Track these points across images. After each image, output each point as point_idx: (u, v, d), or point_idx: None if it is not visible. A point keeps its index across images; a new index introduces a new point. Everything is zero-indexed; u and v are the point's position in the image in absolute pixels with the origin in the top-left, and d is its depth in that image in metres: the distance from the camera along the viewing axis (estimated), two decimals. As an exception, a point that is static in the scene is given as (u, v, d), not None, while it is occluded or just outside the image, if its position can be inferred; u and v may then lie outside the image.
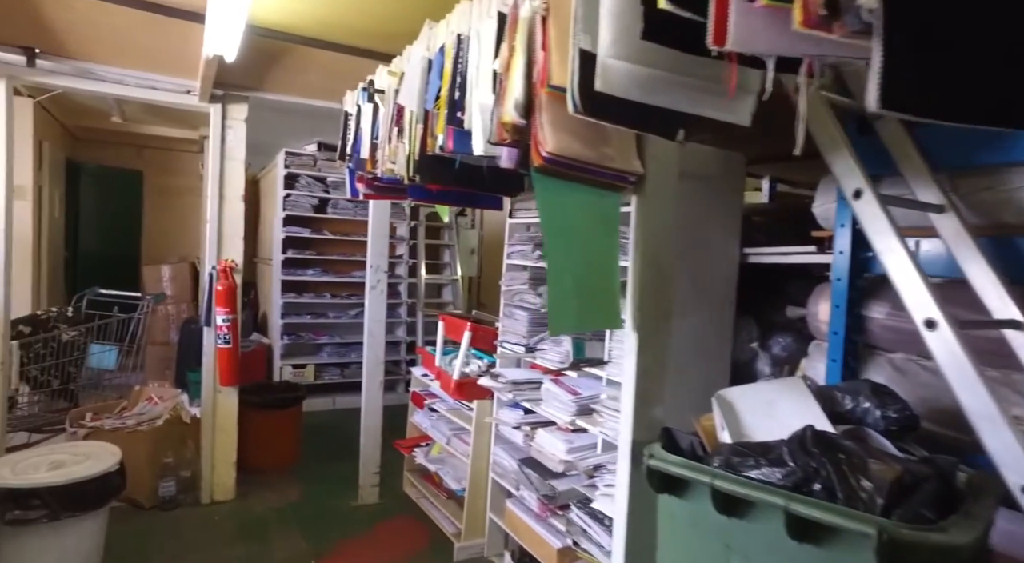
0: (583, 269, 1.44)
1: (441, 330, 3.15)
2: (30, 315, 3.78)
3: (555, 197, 1.33)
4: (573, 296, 1.44)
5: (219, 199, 3.31)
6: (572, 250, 1.41)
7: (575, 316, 1.46)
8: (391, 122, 1.97)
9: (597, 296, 1.45)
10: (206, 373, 3.31)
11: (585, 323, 1.52)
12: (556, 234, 1.36)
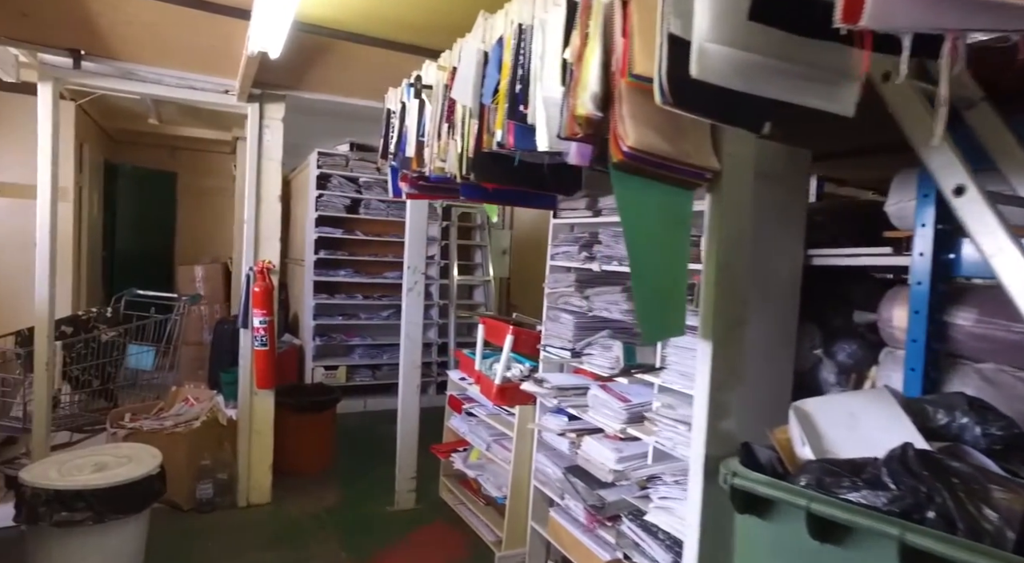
0: (660, 273, 1.35)
1: (481, 333, 3.08)
2: (72, 315, 3.81)
3: (634, 195, 1.25)
4: (655, 304, 1.36)
5: (256, 200, 3.28)
6: (652, 253, 1.33)
7: (660, 324, 1.38)
8: (440, 119, 1.90)
9: (668, 302, 1.37)
10: (243, 375, 3.29)
11: (668, 331, 1.44)
12: (638, 235, 1.28)
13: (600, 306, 2.43)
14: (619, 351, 2.30)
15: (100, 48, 2.69)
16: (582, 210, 2.60)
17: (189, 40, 2.55)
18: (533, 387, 2.67)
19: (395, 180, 2.45)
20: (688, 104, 1.03)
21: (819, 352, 2.01)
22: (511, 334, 2.81)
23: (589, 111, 1.16)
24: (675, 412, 2.00)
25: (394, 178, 2.47)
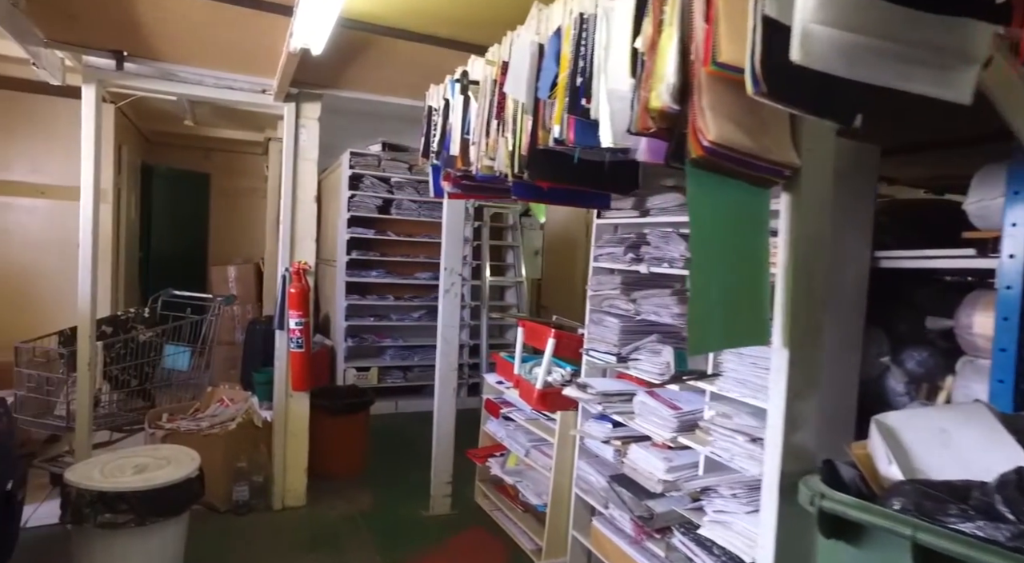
0: (731, 278, 1.26)
1: (520, 336, 3.01)
2: (111, 315, 3.84)
3: (708, 195, 1.16)
4: (719, 309, 1.26)
5: (292, 200, 3.26)
6: (721, 256, 1.24)
7: (721, 332, 1.28)
8: (489, 115, 1.83)
9: (745, 309, 1.28)
10: (278, 377, 3.27)
11: (732, 339, 1.34)
12: (705, 238, 1.19)
13: (648, 310, 2.34)
14: (669, 357, 2.21)
15: (142, 49, 2.69)
16: (628, 210, 2.51)
17: (229, 38, 2.53)
18: (576, 392, 2.58)
19: (437, 179, 2.39)
20: (782, 94, 0.94)
21: (886, 360, 1.89)
22: (553, 338, 2.73)
23: (665, 104, 1.08)
24: (732, 421, 1.90)
25: (436, 177, 2.41)
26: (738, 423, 1.87)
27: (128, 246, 5.34)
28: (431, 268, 5.44)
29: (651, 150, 1.23)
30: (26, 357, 3.26)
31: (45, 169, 4.58)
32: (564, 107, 1.40)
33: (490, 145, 1.81)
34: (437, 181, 2.39)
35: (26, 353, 3.26)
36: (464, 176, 2.14)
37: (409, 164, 5.23)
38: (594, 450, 2.68)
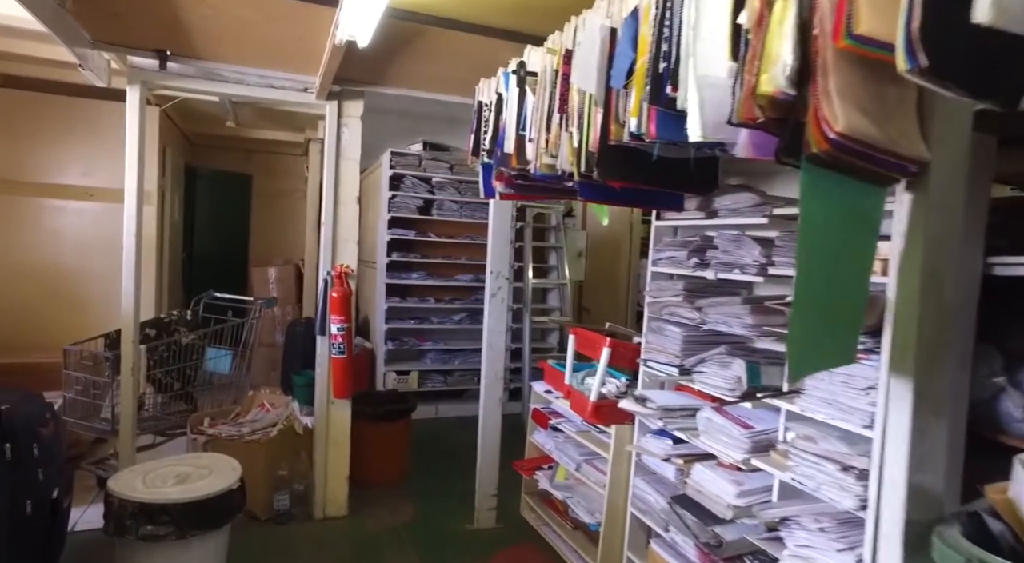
0: (835, 290, 1.08)
1: (572, 344, 2.85)
2: (155, 318, 3.82)
3: (822, 196, 0.99)
4: (821, 326, 1.09)
5: (334, 201, 3.17)
6: (828, 265, 1.06)
7: (821, 352, 1.11)
8: (550, 109, 1.68)
9: (840, 325, 1.10)
10: (319, 384, 3.18)
11: (828, 360, 1.16)
12: (815, 244, 1.02)
13: (716, 319, 2.16)
14: (741, 371, 2.02)
15: (185, 47, 2.62)
16: (692, 211, 2.33)
17: (272, 34, 2.44)
18: (634, 406, 2.41)
19: (488, 179, 2.25)
20: (941, 70, 0.76)
21: (1001, 380, 1.68)
22: (608, 347, 2.56)
23: (778, 89, 0.91)
24: (818, 446, 1.71)
25: (486, 177, 2.27)
26: (826, 449, 1.67)
27: (172, 248, 5.37)
28: (472, 270, 5.32)
29: (755, 144, 1.06)
30: (74, 359, 3.25)
31: (94, 172, 4.61)
32: (643, 97, 1.24)
33: (551, 141, 1.66)
34: (488, 181, 2.25)
35: (74, 355, 3.25)
36: (519, 175, 1.99)
37: (450, 164, 5.12)
38: (652, 467, 2.51)
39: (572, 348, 2.86)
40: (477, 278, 5.25)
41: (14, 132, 4.41)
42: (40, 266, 4.54)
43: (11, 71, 4.09)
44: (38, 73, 4.09)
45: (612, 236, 6.42)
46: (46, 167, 4.53)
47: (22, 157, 4.44)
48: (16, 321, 4.40)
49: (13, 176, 4.43)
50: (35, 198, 4.52)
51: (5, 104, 4.39)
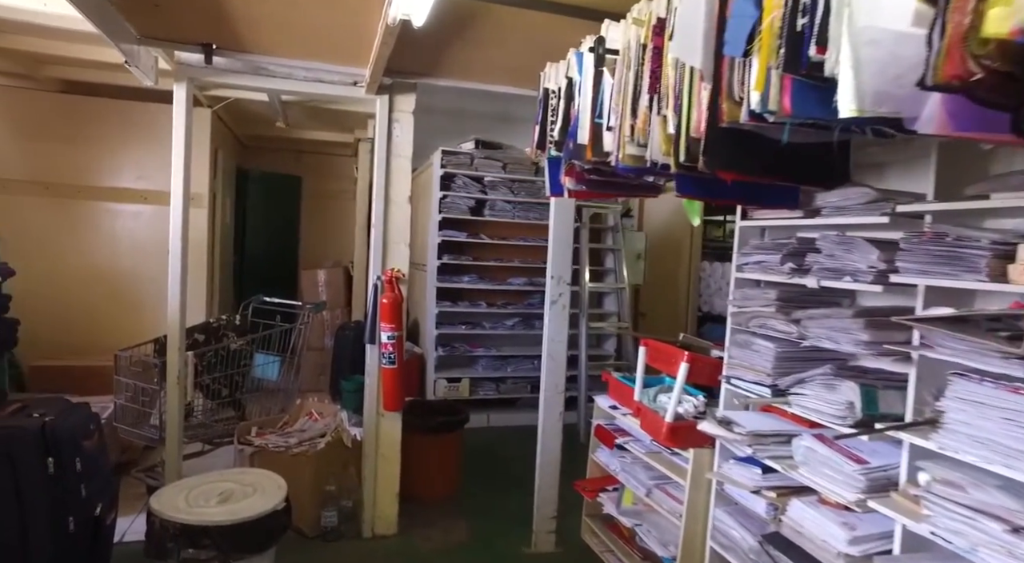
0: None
1: (642, 357, 2.58)
2: (204, 323, 3.74)
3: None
4: None
5: (384, 202, 2.99)
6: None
7: None
8: (636, 90, 1.44)
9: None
10: (368, 395, 3.01)
11: None
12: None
13: (818, 333, 1.86)
14: (854, 395, 1.73)
15: (230, 39, 2.49)
16: (786, 209, 2.04)
17: (320, 21, 2.27)
18: (718, 429, 2.13)
19: (555, 175, 2.02)
20: None
21: None
22: (686, 362, 2.29)
23: (1016, 27, 0.64)
24: (968, 496, 1.40)
25: (553, 173, 2.04)
26: (981, 500, 1.37)
27: (223, 251, 5.34)
28: (526, 273, 5.10)
29: (951, 115, 0.79)
30: (124, 365, 3.18)
31: (148, 175, 4.60)
32: (773, 64, 0.98)
33: (638, 128, 1.41)
34: (555, 177, 2.02)
35: (124, 361, 3.18)
36: (593, 170, 1.75)
37: (503, 162, 4.91)
38: (736, 498, 2.22)
39: (643, 361, 2.60)
40: (531, 281, 5.03)
41: (73, 137, 4.43)
42: (98, 269, 4.55)
43: (69, 76, 4.10)
44: (93, 77, 4.09)
45: (671, 237, 6.10)
46: (102, 171, 4.54)
47: (80, 161, 4.46)
48: (76, 324, 4.43)
49: (71, 180, 4.46)
50: (92, 202, 4.53)
51: (65, 110, 4.41)
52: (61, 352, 4.28)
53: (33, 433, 2.07)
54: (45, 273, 4.37)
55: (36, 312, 4.34)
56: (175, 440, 2.85)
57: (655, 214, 6.19)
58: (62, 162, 4.42)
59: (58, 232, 4.44)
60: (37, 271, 4.35)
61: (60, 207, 4.43)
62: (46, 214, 4.40)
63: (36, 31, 3.23)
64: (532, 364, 5.11)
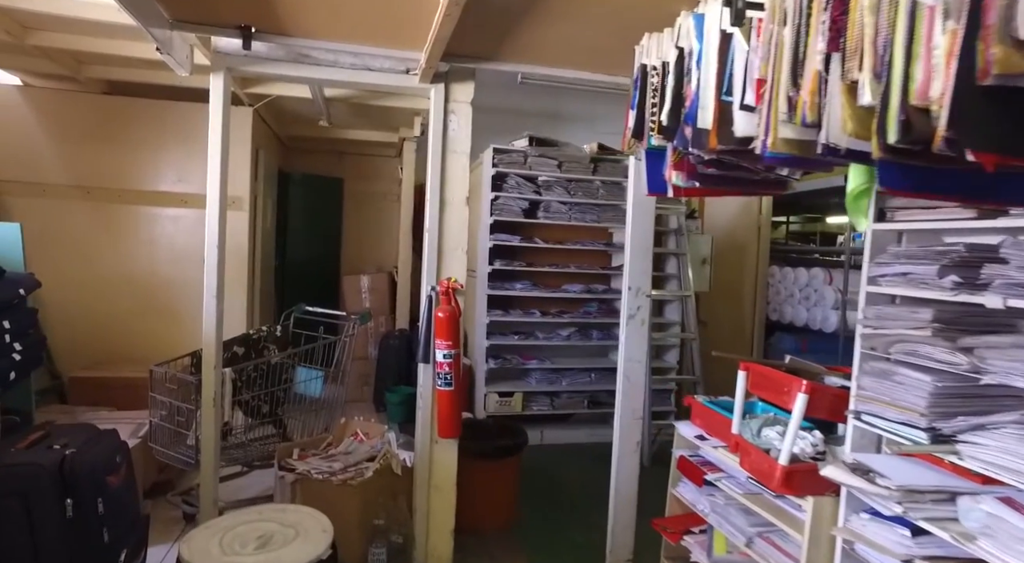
0: None
1: (742, 383, 2.20)
2: (243, 335, 3.50)
3: None
4: None
5: (439, 203, 2.67)
6: None
7: None
8: (799, 51, 1.07)
9: None
10: (422, 421, 2.70)
11: None
12: None
13: (1005, 368, 1.46)
14: (1065, 450, 1.32)
15: (270, 21, 2.21)
16: (949, 207, 1.63)
17: None
18: (851, 479, 1.74)
19: (655, 169, 1.66)
20: None
21: None
22: (806, 393, 1.90)
23: None
24: None
25: (653, 167, 1.68)
26: None
27: (264, 257, 5.13)
28: (583, 279, 4.74)
29: None
30: (159, 380, 2.94)
31: (188, 178, 4.40)
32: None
33: (803, 102, 1.04)
34: (656, 172, 1.66)
35: (159, 376, 2.94)
36: (714, 161, 1.38)
37: (559, 160, 4.56)
38: (870, 560, 1.82)
39: (743, 388, 2.21)
40: (588, 288, 4.67)
41: (113, 139, 4.26)
42: (137, 276, 4.38)
43: (111, 76, 3.93)
44: (135, 76, 3.91)
45: (735, 240, 5.64)
46: (142, 174, 4.37)
47: (119, 164, 4.29)
48: (116, 333, 4.26)
49: (111, 184, 4.29)
50: (132, 206, 4.36)
51: (105, 112, 4.25)
52: (101, 362, 4.12)
53: (50, 471, 1.81)
54: (85, 280, 4.21)
55: (76, 320, 4.21)
56: (211, 468, 2.59)
57: (717, 215, 5.75)
58: (102, 165, 4.26)
59: (97, 238, 4.28)
60: (76, 278, 4.20)
61: (99, 212, 4.27)
62: (86, 219, 4.25)
63: (76, 27, 3.04)
64: (589, 377, 4.75)
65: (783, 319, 5.33)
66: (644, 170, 1.72)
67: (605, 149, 4.65)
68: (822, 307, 4.87)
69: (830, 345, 5.10)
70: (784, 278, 5.35)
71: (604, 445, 4.71)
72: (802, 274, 5.11)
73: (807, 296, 5.05)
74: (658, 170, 1.63)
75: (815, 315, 4.94)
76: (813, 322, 4.95)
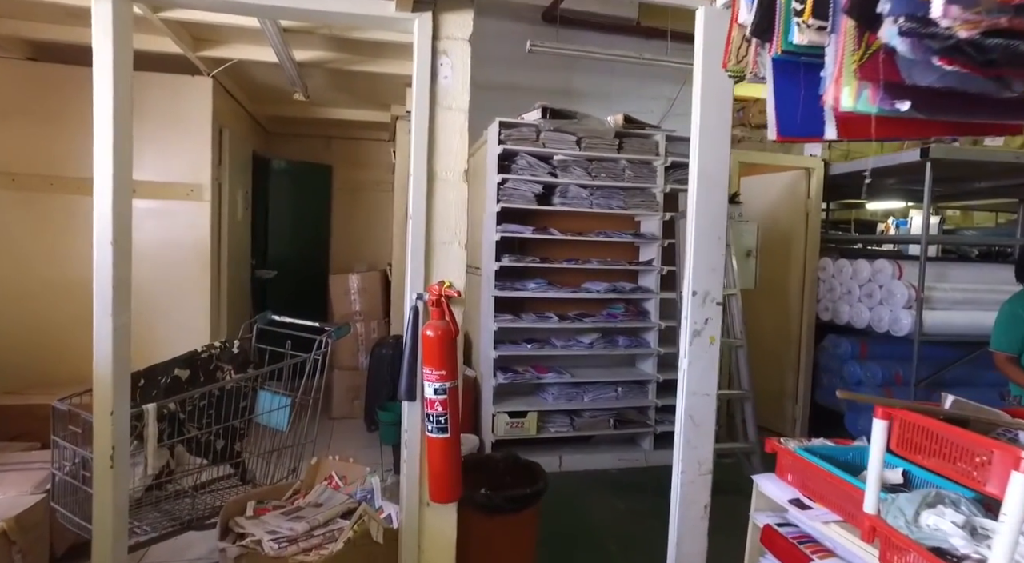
0: None
1: (880, 438, 1.45)
2: (188, 354, 2.78)
3: None
4: None
5: (427, 178, 1.95)
6: None
7: None
8: None
9: None
10: (408, 479, 1.98)
11: None
12: None
13: None
14: None
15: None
16: None
17: None
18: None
19: (794, 93, 0.91)
20: None
21: None
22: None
23: None
24: None
25: (791, 89, 0.94)
26: None
27: (235, 256, 4.41)
28: (607, 276, 4.01)
29: None
30: (62, 420, 2.23)
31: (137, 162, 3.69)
32: None
33: None
34: (794, 98, 0.91)
35: (62, 415, 2.22)
36: (974, 46, 0.64)
37: (578, 136, 3.81)
38: None
39: (881, 446, 1.46)
40: (614, 287, 3.94)
41: (43, 115, 3.55)
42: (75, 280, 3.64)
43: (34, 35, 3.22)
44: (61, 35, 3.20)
45: (776, 228, 4.89)
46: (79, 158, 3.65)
47: (51, 146, 3.58)
48: (47, 350, 3.56)
49: (41, 169, 3.58)
50: (69, 196, 3.64)
51: (33, 82, 3.55)
52: (31, 385, 3.42)
53: None
54: (13, 286, 3.52)
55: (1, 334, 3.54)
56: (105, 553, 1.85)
57: (755, 198, 4.99)
58: (30, 148, 3.56)
59: (28, 235, 3.58)
60: (2, 284, 3.51)
61: (30, 203, 3.57)
62: (13, 212, 3.55)
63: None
64: (615, 392, 4.03)
65: (838, 319, 4.58)
66: (770, 96, 0.99)
67: (632, 122, 3.91)
68: (890, 306, 4.12)
69: (895, 350, 4.36)
70: (840, 272, 4.59)
71: (634, 472, 4.02)
72: (863, 267, 4.35)
73: (870, 293, 4.30)
74: (803, 93, 0.90)
75: (880, 315, 4.19)
76: (879, 323, 4.20)
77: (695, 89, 1.77)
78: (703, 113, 1.75)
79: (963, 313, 4.05)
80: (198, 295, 3.73)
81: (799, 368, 4.79)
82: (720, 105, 1.73)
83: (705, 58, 1.72)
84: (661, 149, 3.94)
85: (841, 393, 1.42)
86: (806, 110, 0.90)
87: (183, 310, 3.72)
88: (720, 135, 1.74)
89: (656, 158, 3.92)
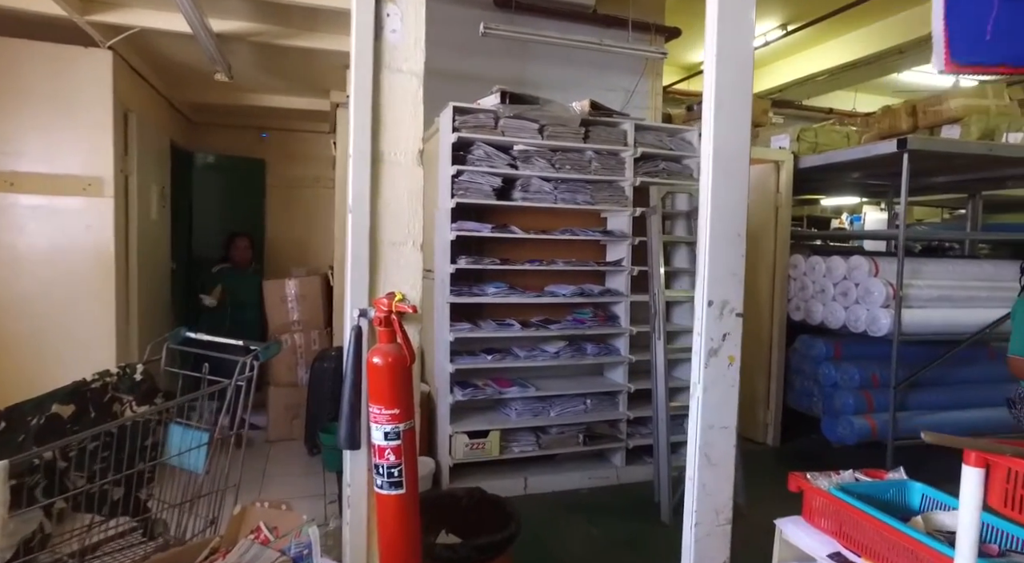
0: None
1: (975, 489, 1.13)
2: (73, 384, 2.26)
3: None
4: None
5: (370, 159, 1.53)
6: None
7: None
8: None
9: None
10: (353, 545, 1.55)
11: None
12: None
13: None
14: None
15: None
16: None
17: None
18: None
19: None
20: None
21: None
22: None
23: None
24: None
25: None
26: None
27: (148, 260, 3.83)
28: (574, 278, 3.66)
29: None
30: None
31: (19, 149, 3.09)
32: None
33: None
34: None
35: None
36: None
37: (540, 123, 3.43)
38: None
39: (977, 498, 1.13)
40: (581, 290, 3.59)
41: None
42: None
43: None
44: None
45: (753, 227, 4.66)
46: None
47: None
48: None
49: None
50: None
51: None
52: None
53: None
54: None
55: None
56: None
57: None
58: None
59: None
60: None
61: None
62: None
63: None
64: (584, 404, 3.69)
65: (811, 319, 4.39)
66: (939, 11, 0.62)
67: (599, 108, 3.56)
68: (867, 304, 3.93)
69: (870, 350, 4.19)
70: (812, 270, 4.40)
71: (607, 491, 3.67)
72: (838, 264, 4.16)
73: (844, 291, 4.11)
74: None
75: (857, 314, 4.00)
76: (855, 323, 4.01)
77: (707, 48, 1.42)
78: (719, 81, 1.40)
79: (939, 311, 3.90)
80: (100, 309, 3.16)
81: (770, 371, 4.58)
82: (740, 70, 1.39)
83: (721, 5, 1.37)
84: (630, 139, 3.62)
85: (928, 436, 1.09)
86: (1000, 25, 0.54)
87: (82, 327, 3.14)
88: (740, 106, 1.40)
89: (625, 149, 3.60)
